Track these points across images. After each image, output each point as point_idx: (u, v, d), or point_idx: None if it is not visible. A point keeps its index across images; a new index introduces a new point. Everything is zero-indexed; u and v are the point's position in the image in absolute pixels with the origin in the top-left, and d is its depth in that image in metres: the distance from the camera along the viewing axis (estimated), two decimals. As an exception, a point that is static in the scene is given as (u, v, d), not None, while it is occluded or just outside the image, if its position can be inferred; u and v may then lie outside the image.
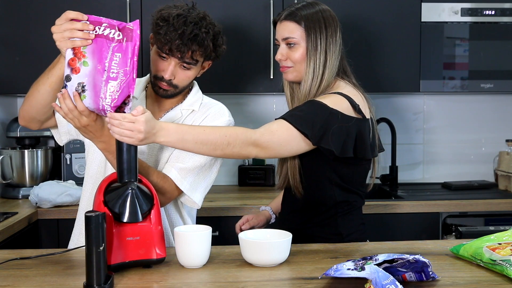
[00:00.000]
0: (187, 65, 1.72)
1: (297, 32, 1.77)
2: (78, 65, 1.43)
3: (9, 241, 2.12)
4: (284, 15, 1.80)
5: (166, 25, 1.66)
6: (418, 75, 2.83)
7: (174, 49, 1.67)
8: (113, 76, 1.42)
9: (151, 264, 1.47)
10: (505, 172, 2.92)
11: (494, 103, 3.24)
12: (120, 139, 1.44)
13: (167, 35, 1.65)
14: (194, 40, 1.66)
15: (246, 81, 2.77)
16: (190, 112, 1.83)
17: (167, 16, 1.68)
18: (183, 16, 1.67)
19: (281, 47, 1.81)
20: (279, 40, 1.81)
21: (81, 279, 1.33)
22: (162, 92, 1.77)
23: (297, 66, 1.79)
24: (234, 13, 2.73)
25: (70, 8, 2.78)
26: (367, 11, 2.80)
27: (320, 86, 1.75)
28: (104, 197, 1.44)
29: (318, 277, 1.35)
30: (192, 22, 1.66)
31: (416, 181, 3.21)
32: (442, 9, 2.81)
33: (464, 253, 1.52)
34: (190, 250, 1.47)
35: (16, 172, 2.71)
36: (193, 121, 1.82)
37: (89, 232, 1.27)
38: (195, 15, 1.69)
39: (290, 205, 1.87)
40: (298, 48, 1.77)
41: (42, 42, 2.70)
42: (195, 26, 1.66)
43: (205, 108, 1.85)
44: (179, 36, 1.65)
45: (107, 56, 1.43)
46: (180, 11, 1.68)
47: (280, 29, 1.80)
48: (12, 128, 2.78)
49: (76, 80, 1.43)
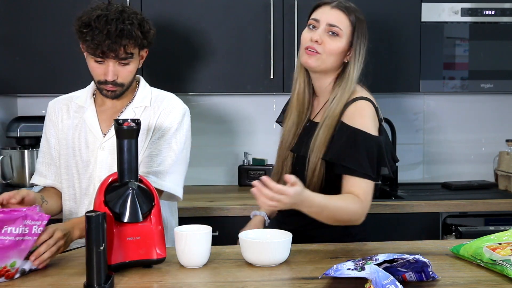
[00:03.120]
0: (124, 61, 1.74)
1: (345, 25, 1.74)
2: None
3: (9, 241, 2.11)
4: (337, 3, 1.75)
5: (90, 30, 1.68)
6: (418, 75, 2.82)
7: (106, 50, 1.69)
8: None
9: (151, 264, 1.47)
10: (505, 172, 2.92)
11: (494, 103, 3.24)
12: (262, 205, 1.52)
13: (95, 39, 1.68)
14: (121, 35, 1.68)
15: (246, 81, 2.77)
16: (143, 109, 1.86)
17: (88, 20, 1.69)
18: (103, 16, 1.69)
19: (321, 29, 1.73)
20: (322, 22, 1.74)
21: (81, 279, 1.33)
22: (110, 94, 1.80)
23: (325, 57, 1.74)
24: (234, 13, 2.73)
25: (70, 8, 2.78)
26: (367, 11, 2.79)
27: (350, 92, 1.75)
28: (104, 197, 1.44)
29: (318, 277, 1.35)
30: (114, 19, 1.68)
31: (416, 181, 3.20)
32: (442, 9, 2.81)
33: (464, 253, 1.52)
34: (190, 250, 1.47)
35: (16, 172, 2.71)
36: (150, 119, 1.84)
37: (89, 232, 1.27)
38: (114, 11, 1.71)
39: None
40: (338, 39, 1.74)
41: (42, 42, 2.70)
42: (118, 21, 1.68)
43: (157, 103, 1.87)
44: (106, 36, 1.67)
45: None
46: (98, 12, 1.70)
47: (330, 14, 1.74)
48: (12, 128, 2.78)
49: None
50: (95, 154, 1.83)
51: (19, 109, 3.06)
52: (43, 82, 2.73)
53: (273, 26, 2.73)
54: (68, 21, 2.71)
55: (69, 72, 2.72)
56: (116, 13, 1.70)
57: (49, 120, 1.93)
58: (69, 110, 1.90)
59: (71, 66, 2.72)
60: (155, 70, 2.68)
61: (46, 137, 1.93)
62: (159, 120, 1.84)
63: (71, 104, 1.91)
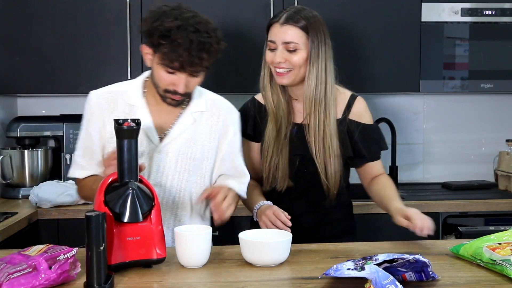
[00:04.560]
0: (197, 74, 1.68)
1: (299, 37, 1.77)
2: None
3: (9, 241, 2.12)
4: (284, 18, 1.79)
5: (169, 42, 1.59)
6: (418, 75, 2.82)
7: (185, 64, 1.61)
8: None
9: (151, 264, 1.47)
10: (505, 172, 2.92)
11: (494, 103, 3.24)
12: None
13: (175, 51, 1.59)
14: (202, 49, 1.61)
15: (246, 81, 2.76)
16: (201, 114, 1.81)
17: (166, 30, 1.60)
18: (183, 27, 1.60)
19: (280, 50, 1.80)
20: (278, 43, 1.80)
21: (81, 279, 1.33)
22: (174, 102, 1.72)
23: (296, 70, 1.80)
24: (234, 13, 2.73)
25: (70, 8, 2.79)
26: (367, 11, 2.80)
27: (326, 92, 1.82)
28: (104, 197, 1.44)
29: (318, 277, 1.35)
30: (194, 31, 1.60)
31: (416, 181, 3.20)
32: (442, 9, 2.81)
33: (464, 253, 1.52)
34: (190, 250, 1.47)
35: (16, 172, 2.71)
36: (207, 124, 1.80)
37: (89, 232, 1.27)
38: (192, 21, 1.62)
39: (299, 208, 1.90)
40: (299, 52, 1.78)
41: (42, 42, 2.70)
42: (198, 34, 1.60)
43: (214, 108, 1.83)
44: (187, 50, 1.59)
45: None
46: (177, 22, 1.60)
47: (280, 33, 1.79)
48: (12, 128, 2.78)
49: None
50: (149, 157, 1.75)
51: (19, 109, 3.06)
52: (43, 82, 2.73)
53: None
54: (68, 21, 2.73)
55: (69, 72, 2.72)
56: (194, 23, 1.61)
57: (92, 115, 1.78)
58: (116, 106, 1.77)
59: (71, 66, 2.72)
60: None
61: (87, 132, 1.79)
62: (223, 128, 1.82)
63: (118, 100, 1.78)
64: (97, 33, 2.72)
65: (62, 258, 1.32)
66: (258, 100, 1.97)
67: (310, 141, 1.84)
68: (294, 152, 1.87)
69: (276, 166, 1.86)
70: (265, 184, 1.90)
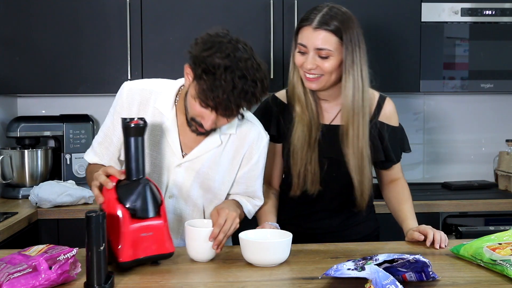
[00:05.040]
0: (229, 117, 1.57)
1: (332, 43, 1.68)
2: None
3: (9, 241, 2.12)
4: (317, 22, 1.68)
5: (211, 80, 1.47)
6: (418, 75, 2.82)
7: (219, 107, 1.50)
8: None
9: (162, 258, 1.49)
10: (505, 172, 2.92)
11: (494, 103, 3.24)
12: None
13: (213, 91, 1.47)
14: (243, 97, 1.50)
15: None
16: (229, 136, 1.72)
17: (211, 66, 1.47)
18: (231, 69, 1.47)
19: (311, 56, 1.70)
20: (309, 48, 1.70)
21: (81, 279, 1.33)
22: (197, 132, 1.62)
23: (327, 76, 1.73)
24: (234, 13, 2.73)
25: (70, 8, 2.79)
26: (367, 11, 2.80)
27: (364, 99, 1.75)
28: (117, 194, 1.44)
29: (318, 277, 1.35)
30: (241, 76, 1.48)
31: (416, 181, 3.20)
32: (442, 9, 2.81)
33: (465, 253, 1.52)
34: (200, 245, 1.51)
35: (16, 172, 2.71)
36: (232, 147, 1.73)
37: (90, 232, 1.27)
38: (243, 66, 1.48)
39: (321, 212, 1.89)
40: (331, 58, 1.70)
41: (42, 42, 2.70)
42: (244, 81, 1.48)
43: (243, 131, 1.73)
44: (226, 94, 1.47)
45: None
46: (226, 62, 1.47)
47: (313, 38, 1.69)
48: (12, 128, 2.78)
49: None
50: (168, 170, 1.71)
51: (19, 109, 3.06)
52: (43, 82, 2.73)
53: (273, 26, 2.73)
54: (68, 21, 2.73)
55: (69, 72, 2.72)
56: (244, 68, 1.48)
57: (121, 107, 1.69)
58: (147, 106, 1.69)
59: (71, 66, 2.72)
60: (155, 69, 2.68)
61: (112, 120, 1.71)
62: (248, 153, 1.74)
63: (149, 102, 1.69)
64: (97, 33, 2.72)
65: (62, 258, 1.32)
66: (280, 99, 1.89)
67: (346, 147, 1.78)
68: (322, 154, 1.81)
69: (306, 170, 1.80)
70: (295, 189, 1.82)
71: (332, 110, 1.85)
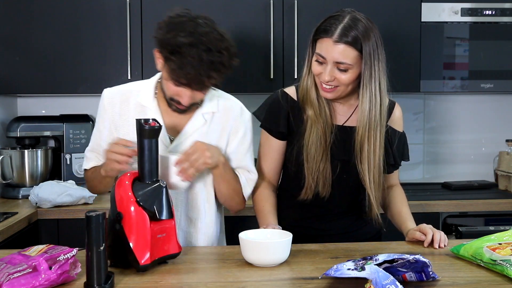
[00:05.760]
0: (203, 90, 1.66)
1: (352, 57, 1.67)
2: None
3: (9, 241, 2.12)
4: (338, 36, 1.66)
5: (178, 58, 1.55)
6: (418, 75, 2.82)
7: (192, 82, 1.58)
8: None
9: (171, 258, 1.51)
10: (505, 172, 2.92)
11: (494, 103, 3.24)
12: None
13: (182, 69, 1.55)
14: (211, 68, 1.57)
15: (246, 81, 2.77)
16: (212, 115, 1.79)
17: (176, 46, 1.55)
18: (194, 44, 1.54)
19: (329, 68, 1.68)
20: (328, 60, 1.68)
21: (81, 279, 1.33)
22: (179, 111, 1.71)
23: (343, 88, 1.73)
24: (234, 13, 2.73)
25: (70, 9, 2.78)
26: (367, 11, 2.79)
27: (381, 112, 1.75)
28: (135, 196, 1.44)
29: (318, 277, 1.35)
30: (205, 49, 1.55)
31: (416, 181, 3.20)
32: (442, 9, 2.81)
33: (465, 253, 1.52)
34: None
35: (16, 172, 2.71)
36: (218, 125, 1.79)
37: (90, 232, 1.27)
38: (206, 40, 1.56)
39: (329, 214, 1.88)
40: (349, 71, 1.69)
41: (42, 42, 2.70)
42: (210, 53, 1.55)
43: (225, 108, 1.82)
44: (195, 69, 1.55)
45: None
46: (190, 39, 1.54)
47: (333, 51, 1.67)
48: (12, 128, 2.78)
49: None
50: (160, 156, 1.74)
51: (19, 109, 3.06)
52: (43, 82, 2.73)
53: (273, 26, 2.73)
54: (68, 21, 2.73)
55: (69, 72, 2.72)
56: (207, 42, 1.55)
57: (104, 112, 1.79)
58: (128, 106, 1.77)
59: (71, 66, 2.72)
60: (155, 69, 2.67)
61: (98, 128, 1.81)
62: (234, 128, 1.82)
63: (130, 100, 1.77)
64: (97, 33, 2.72)
65: (62, 259, 1.32)
66: (290, 95, 1.86)
67: (360, 164, 1.77)
68: (335, 157, 1.80)
69: (319, 173, 1.78)
70: (307, 193, 1.80)
71: (345, 111, 1.84)
